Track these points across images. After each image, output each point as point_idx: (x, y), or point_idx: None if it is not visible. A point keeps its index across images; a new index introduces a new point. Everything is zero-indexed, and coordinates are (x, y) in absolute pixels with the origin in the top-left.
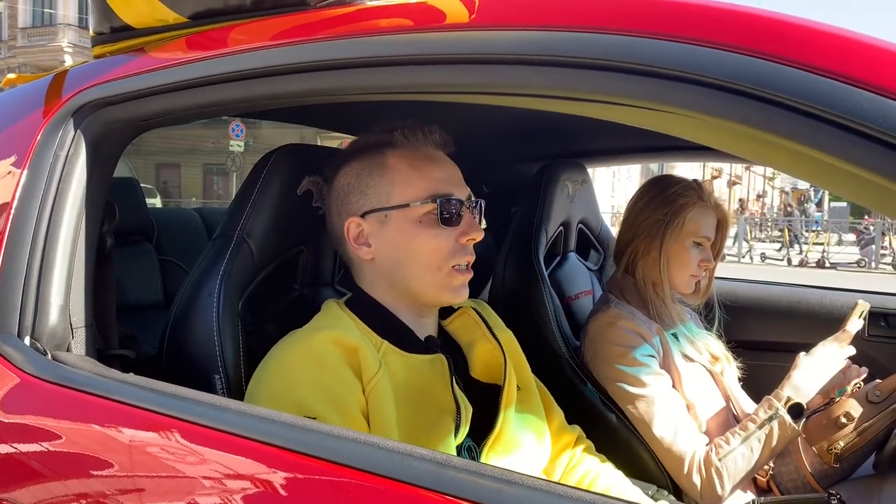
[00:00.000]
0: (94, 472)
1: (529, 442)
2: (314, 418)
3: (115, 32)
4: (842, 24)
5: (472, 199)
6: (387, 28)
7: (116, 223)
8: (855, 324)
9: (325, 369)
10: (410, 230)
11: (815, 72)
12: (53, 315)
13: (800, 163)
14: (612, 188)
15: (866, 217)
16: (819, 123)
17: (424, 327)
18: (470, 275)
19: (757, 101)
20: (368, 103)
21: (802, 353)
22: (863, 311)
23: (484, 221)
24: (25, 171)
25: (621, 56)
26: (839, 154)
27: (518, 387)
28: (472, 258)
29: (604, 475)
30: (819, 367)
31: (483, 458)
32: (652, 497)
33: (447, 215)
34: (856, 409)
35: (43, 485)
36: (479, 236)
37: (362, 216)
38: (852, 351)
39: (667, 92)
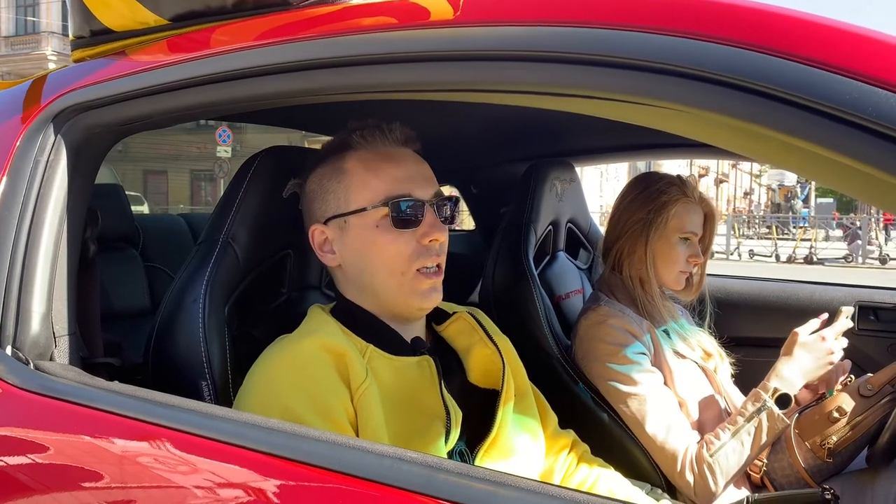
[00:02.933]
0: (81, 483)
1: (524, 447)
2: None
3: (94, 36)
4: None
5: (440, 196)
6: (371, 26)
7: (100, 229)
8: (843, 322)
9: (311, 375)
10: (369, 235)
11: (801, 62)
12: (35, 324)
13: (789, 154)
14: (601, 187)
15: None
16: (806, 114)
17: (411, 330)
18: (439, 277)
19: (744, 92)
20: (354, 104)
21: (796, 335)
22: (848, 314)
23: (471, 220)
24: (5, 178)
25: (607, 50)
26: (827, 144)
27: (514, 393)
28: (438, 259)
29: (603, 479)
30: (806, 359)
31: (477, 463)
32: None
33: (403, 218)
34: (848, 403)
35: (29, 497)
36: (442, 237)
37: (325, 223)
38: (845, 342)
39: (654, 86)
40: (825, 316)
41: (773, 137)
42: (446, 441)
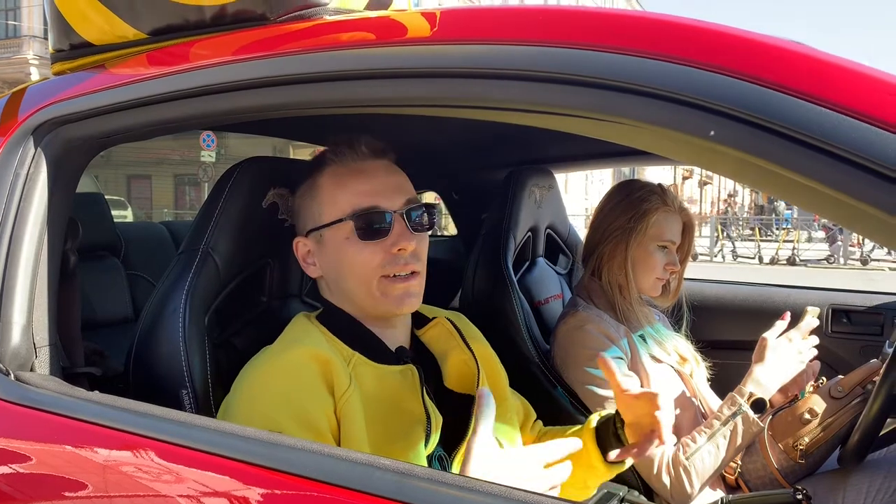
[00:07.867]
0: (62, 493)
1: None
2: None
3: (74, 49)
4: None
5: (411, 204)
6: (348, 42)
7: (80, 239)
8: (808, 322)
9: (295, 384)
10: (341, 247)
11: (753, 81)
12: (16, 335)
13: (743, 170)
14: (586, 191)
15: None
16: (758, 132)
17: (395, 338)
18: (411, 282)
19: (698, 110)
20: (337, 114)
21: (765, 340)
22: (814, 314)
23: (454, 227)
24: None
25: (574, 69)
26: (778, 161)
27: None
28: (407, 267)
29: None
30: (779, 362)
31: (454, 467)
32: (622, 497)
33: (370, 230)
34: (819, 405)
35: None
36: (411, 245)
37: (305, 235)
38: (815, 341)
39: (615, 103)
40: (788, 315)
41: (727, 153)
42: (426, 445)
